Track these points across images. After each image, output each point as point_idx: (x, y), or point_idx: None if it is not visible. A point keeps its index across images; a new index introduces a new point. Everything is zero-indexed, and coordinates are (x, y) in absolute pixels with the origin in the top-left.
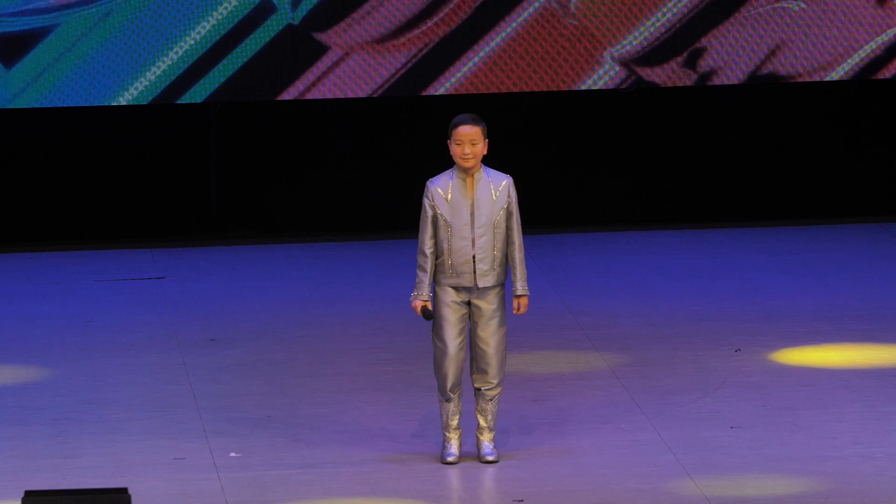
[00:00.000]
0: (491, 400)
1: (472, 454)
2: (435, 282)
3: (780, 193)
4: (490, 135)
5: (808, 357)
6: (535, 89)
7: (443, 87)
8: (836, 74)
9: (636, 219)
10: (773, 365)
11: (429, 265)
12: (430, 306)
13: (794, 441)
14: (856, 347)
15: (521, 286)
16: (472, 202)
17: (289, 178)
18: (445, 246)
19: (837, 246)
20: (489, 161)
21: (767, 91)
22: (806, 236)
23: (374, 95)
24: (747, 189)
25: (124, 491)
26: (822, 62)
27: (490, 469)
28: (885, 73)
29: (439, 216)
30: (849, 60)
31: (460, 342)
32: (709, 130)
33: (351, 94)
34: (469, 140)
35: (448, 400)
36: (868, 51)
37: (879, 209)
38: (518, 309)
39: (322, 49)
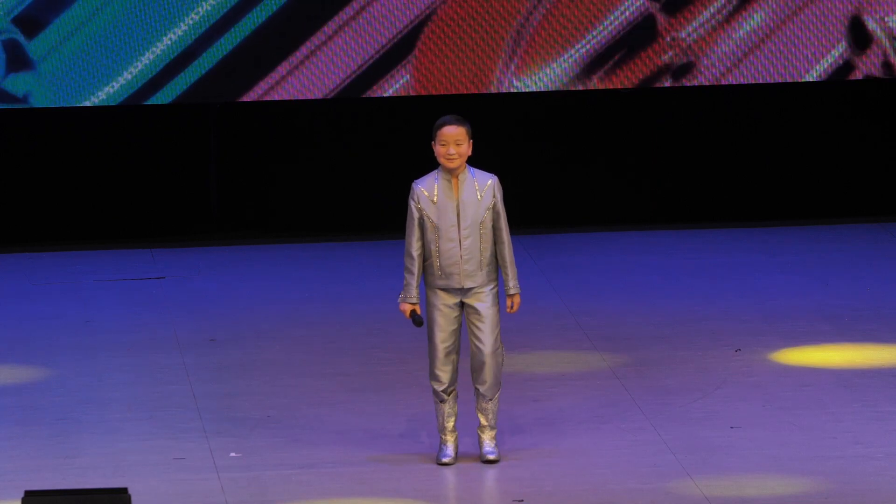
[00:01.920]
0: (491, 399)
1: (470, 454)
2: (426, 284)
3: (780, 193)
4: (490, 135)
5: (808, 357)
6: (535, 89)
7: (443, 86)
8: (836, 74)
9: (636, 219)
10: (774, 365)
11: (416, 267)
12: (418, 310)
13: (794, 441)
14: (856, 347)
15: (513, 285)
16: (458, 203)
17: (289, 178)
18: (433, 248)
19: (837, 246)
20: (489, 159)
21: (768, 91)
22: (806, 236)
23: (375, 95)
24: (747, 189)
25: (124, 491)
26: (824, 62)
27: (490, 469)
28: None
29: (426, 218)
30: (848, 59)
31: (451, 344)
32: (709, 130)
33: (350, 94)
34: (454, 140)
35: (442, 401)
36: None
37: (879, 209)
38: (511, 308)
39: (321, 49)
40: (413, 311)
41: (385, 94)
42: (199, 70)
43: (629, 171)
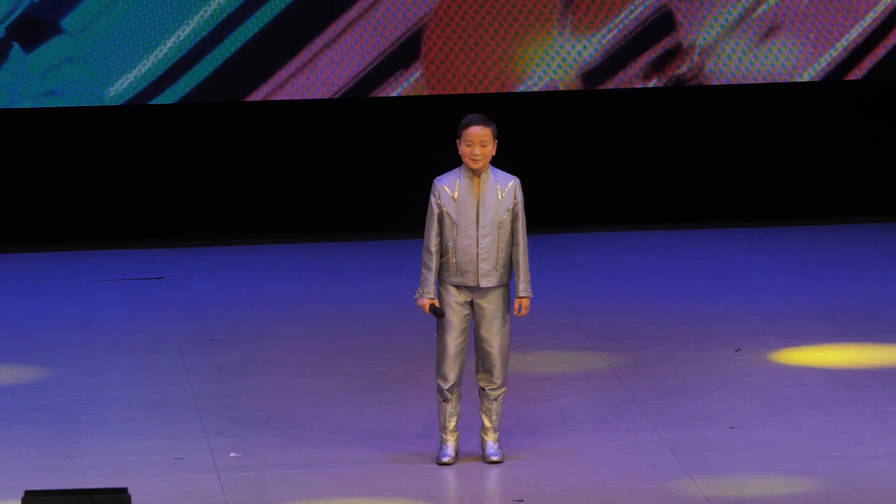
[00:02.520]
0: (495, 400)
1: (471, 454)
2: (439, 281)
3: (780, 193)
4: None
5: (808, 357)
6: (536, 89)
7: (443, 87)
8: (836, 75)
9: (636, 219)
10: (773, 365)
11: (433, 263)
12: (437, 303)
13: (794, 441)
14: (856, 347)
15: (523, 287)
16: (478, 202)
17: (289, 178)
18: (451, 244)
19: (837, 246)
20: (492, 159)
21: (767, 91)
22: (806, 236)
23: (376, 95)
24: (747, 189)
25: (124, 491)
26: (824, 62)
27: (490, 469)
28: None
29: (445, 214)
30: (848, 59)
31: (461, 343)
32: (709, 130)
33: (351, 95)
34: (479, 141)
35: (446, 400)
36: (867, 48)
37: (879, 209)
38: (520, 311)
39: (321, 48)
40: (432, 305)
41: (388, 95)
42: (202, 71)
43: (629, 171)
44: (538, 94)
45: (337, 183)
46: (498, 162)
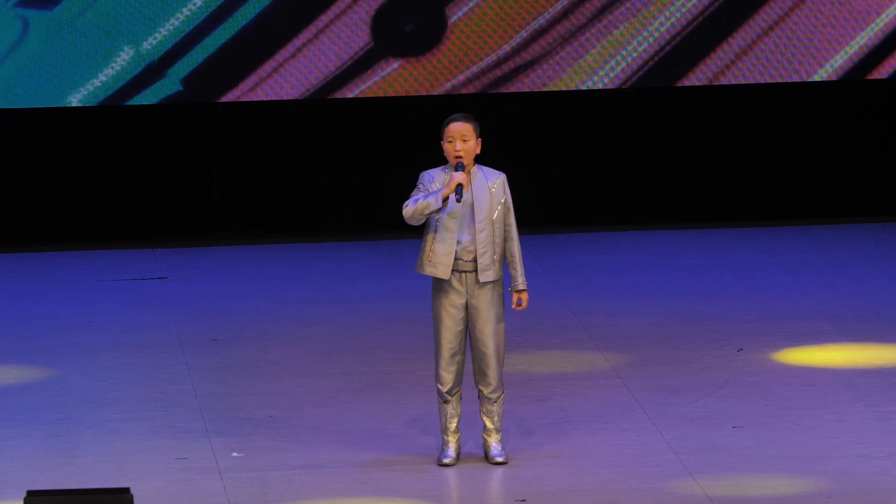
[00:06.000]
0: (495, 402)
1: (472, 455)
2: (433, 283)
3: (781, 193)
4: (492, 135)
5: (810, 357)
6: (536, 89)
7: (444, 86)
8: (836, 74)
9: (638, 218)
10: (776, 365)
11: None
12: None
13: (797, 441)
14: (858, 347)
15: (521, 280)
16: (472, 197)
17: (290, 179)
18: (432, 234)
19: (838, 245)
20: (492, 159)
21: (768, 91)
22: (807, 236)
23: (377, 95)
24: (747, 189)
25: (126, 491)
26: (824, 62)
27: (492, 469)
28: (882, 72)
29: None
30: (848, 59)
31: (458, 345)
32: (710, 130)
33: (352, 94)
34: (461, 136)
35: (446, 402)
36: (867, 49)
37: (880, 209)
38: (519, 305)
39: (324, 47)
40: (456, 169)
41: (389, 95)
42: (203, 69)
43: (630, 171)
44: (539, 94)
45: (338, 183)
46: (501, 162)
